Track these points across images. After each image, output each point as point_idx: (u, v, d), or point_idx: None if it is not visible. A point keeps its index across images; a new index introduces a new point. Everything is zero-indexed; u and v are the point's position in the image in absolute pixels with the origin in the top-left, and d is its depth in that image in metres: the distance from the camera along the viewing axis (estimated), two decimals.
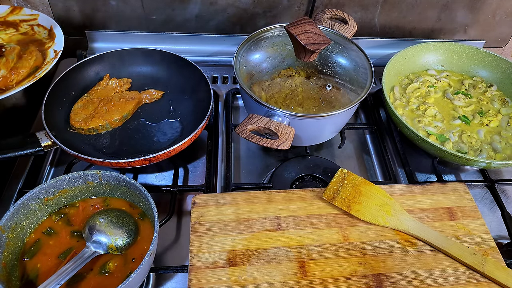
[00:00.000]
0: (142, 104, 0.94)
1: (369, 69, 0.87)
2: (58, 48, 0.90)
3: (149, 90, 0.96)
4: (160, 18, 1.08)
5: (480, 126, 0.95)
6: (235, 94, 1.05)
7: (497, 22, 1.19)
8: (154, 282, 0.72)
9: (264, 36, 0.93)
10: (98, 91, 0.93)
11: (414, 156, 0.96)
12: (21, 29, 0.97)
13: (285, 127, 0.74)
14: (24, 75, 0.84)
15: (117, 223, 0.67)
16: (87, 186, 0.71)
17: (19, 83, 0.83)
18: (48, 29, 0.96)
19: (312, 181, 0.86)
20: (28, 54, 0.87)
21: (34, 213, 0.67)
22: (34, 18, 0.97)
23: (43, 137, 0.79)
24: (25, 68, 0.84)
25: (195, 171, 0.90)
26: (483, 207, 0.88)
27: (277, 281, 0.65)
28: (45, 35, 0.96)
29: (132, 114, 0.92)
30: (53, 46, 0.92)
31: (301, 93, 0.90)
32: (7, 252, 0.62)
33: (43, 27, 0.96)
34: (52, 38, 0.94)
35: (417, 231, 0.73)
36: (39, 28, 0.96)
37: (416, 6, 1.12)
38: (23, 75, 0.84)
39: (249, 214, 0.74)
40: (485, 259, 0.70)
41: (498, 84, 1.05)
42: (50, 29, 0.95)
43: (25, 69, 0.84)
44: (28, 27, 0.97)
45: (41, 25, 0.97)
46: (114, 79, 0.95)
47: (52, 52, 0.91)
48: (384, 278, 0.67)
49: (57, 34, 0.94)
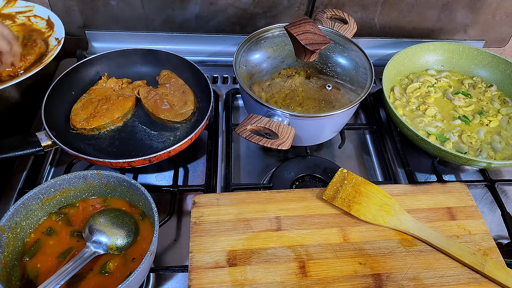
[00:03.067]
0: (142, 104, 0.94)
1: (369, 69, 0.87)
2: (60, 36, 0.92)
3: (135, 82, 0.96)
4: (160, 18, 1.08)
5: (480, 126, 0.95)
6: (235, 94, 1.05)
7: (497, 22, 1.19)
8: (154, 282, 0.72)
9: (264, 36, 0.93)
10: (97, 90, 0.93)
11: (414, 156, 0.96)
12: (17, 21, 0.98)
13: (285, 127, 0.74)
14: (31, 61, 0.87)
15: (117, 223, 0.67)
16: (87, 186, 0.71)
17: (27, 69, 0.86)
18: (45, 19, 0.97)
19: (312, 181, 0.86)
20: (32, 42, 0.90)
21: (34, 213, 0.67)
22: (30, 10, 0.98)
23: (43, 137, 0.79)
24: (31, 55, 0.87)
25: (195, 171, 0.90)
26: (483, 207, 0.88)
27: (277, 281, 0.65)
28: (43, 25, 0.97)
29: (133, 111, 0.93)
30: (54, 35, 0.93)
31: (301, 93, 0.90)
32: (7, 252, 0.62)
33: (40, 18, 0.97)
34: (51, 27, 0.95)
35: (417, 231, 0.73)
36: (36, 18, 0.97)
37: (416, 6, 1.12)
38: (30, 62, 0.87)
39: (249, 214, 0.74)
40: (485, 259, 0.70)
41: (498, 84, 1.05)
42: (47, 19, 0.97)
43: (32, 56, 0.87)
44: (25, 18, 0.98)
45: (38, 15, 0.98)
46: (113, 78, 0.95)
47: (54, 40, 0.92)
48: (384, 278, 0.67)
49: (55, 23, 0.95)
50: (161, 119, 0.89)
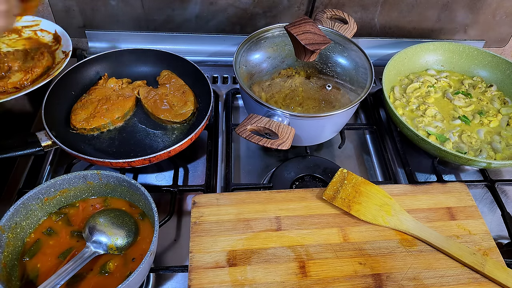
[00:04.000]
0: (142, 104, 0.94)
1: (369, 69, 0.87)
2: (67, 49, 0.94)
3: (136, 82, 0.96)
4: (160, 18, 1.08)
5: (480, 126, 0.95)
6: (235, 94, 1.05)
7: (497, 22, 1.19)
8: (154, 282, 0.72)
9: (264, 36, 0.93)
10: (97, 90, 0.93)
11: (414, 156, 0.96)
12: (23, 35, 0.99)
13: (285, 127, 0.74)
14: (38, 74, 0.89)
15: (117, 223, 0.67)
16: (87, 186, 0.71)
17: (33, 82, 0.88)
18: (52, 33, 0.98)
19: (312, 181, 0.86)
20: (39, 55, 0.92)
21: (34, 213, 0.67)
22: (36, 24, 0.99)
23: (43, 137, 0.79)
24: (38, 68, 0.89)
25: (195, 171, 0.90)
26: (483, 207, 0.88)
27: (277, 281, 0.65)
28: (49, 38, 0.98)
29: (133, 111, 0.93)
30: (61, 48, 0.95)
31: (301, 93, 0.90)
32: (7, 252, 0.62)
33: (47, 32, 0.99)
34: (58, 41, 0.97)
35: (417, 231, 0.73)
36: (43, 32, 0.99)
37: (416, 6, 1.12)
38: (37, 74, 0.89)
39: (249, 214, 0.74)
40: (485, 259, 0.70)
41: (498, 84, 1.05)
42: (54, 33, 0.98)
43: (39, 68, 0.89)
44: (31, 32, 0.99)
45: (45, 30, 0.99)
46: (113, 78, 0.95)
47: (61, 53, 0.94)
48: (384, 278, 0.67)
49: (62, 37, 0.97)
50: (161, 119, 0.89)
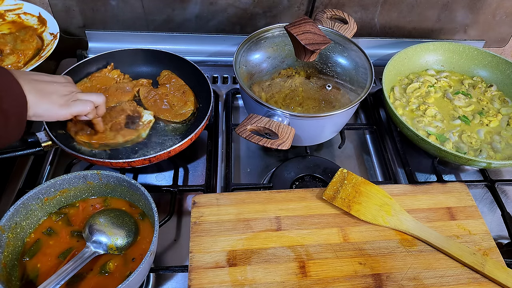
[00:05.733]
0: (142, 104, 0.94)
1: (369, 69, 0.87)
2: (55, 30, 0.94)
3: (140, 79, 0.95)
4: (160, 18, 1.08)
5: (480, 126, 0.95)
6: (235, 94, 1.05)
7: (497, 22, 1.19)
8: (154, 282, 0.72)
9: (264, 36, 0.93)
10: (98, 78, 0.93)
11: (414, 156, 0.96)
12: (7, 18, 0.99)
13: (285, 127, 0.74)
14: (30, 56, 0.89)
15: (117, 223, 0.67)
16: (87, 186, 0.71)
17: (26, 64, 0.88)
18: (36, 16, 0.98)
19: (312, 181, 0.86)
20: (29, 37, 0.92)
21: (34, 213, 0.67)
22: (19, 7, 1.00)
23: (43, 137, 0.79)
24: (30, 50, 0.89)
25: (195, 171, 0.90)
26: (483, 207, 0.88)
27: (277, 281, 0.65)
28: (34, 21, 0.98)
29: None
30: (47, 30, 0.96)
31: (301, 93, 0.90)
32: (7, 252, 0.62)
33: (31, 15, 0.99)
34: (43, 23, 0.97)
35: (417, 231, 0.73)
36: (27, 16, 0.99)
37: (416, 6, 1.12)
38: (29, 56, 0.89)
39: (249, 214, 0.74)
40: (485, 259, 0.70)
41: (498, 84, 1.05)
42: (38, 15, 0.98)
43: (30, 50, 0.90)
44: (15, 16, 0.99)
45: (28, 13, 0.99)
46: (118, 71, 0.95)
47: (48, 35, 0.94)
48: (384, 278, 0.67)
49: (47, 19, 0.97)
50: (161, 119, 0.89)
